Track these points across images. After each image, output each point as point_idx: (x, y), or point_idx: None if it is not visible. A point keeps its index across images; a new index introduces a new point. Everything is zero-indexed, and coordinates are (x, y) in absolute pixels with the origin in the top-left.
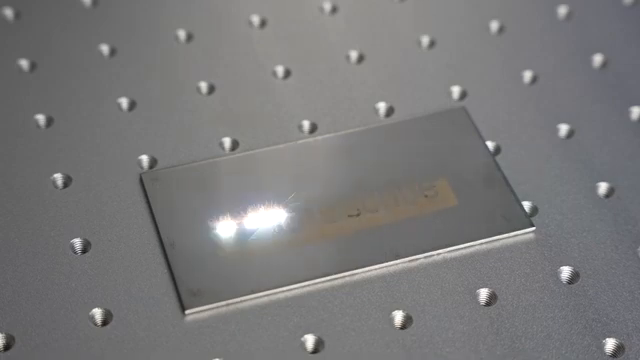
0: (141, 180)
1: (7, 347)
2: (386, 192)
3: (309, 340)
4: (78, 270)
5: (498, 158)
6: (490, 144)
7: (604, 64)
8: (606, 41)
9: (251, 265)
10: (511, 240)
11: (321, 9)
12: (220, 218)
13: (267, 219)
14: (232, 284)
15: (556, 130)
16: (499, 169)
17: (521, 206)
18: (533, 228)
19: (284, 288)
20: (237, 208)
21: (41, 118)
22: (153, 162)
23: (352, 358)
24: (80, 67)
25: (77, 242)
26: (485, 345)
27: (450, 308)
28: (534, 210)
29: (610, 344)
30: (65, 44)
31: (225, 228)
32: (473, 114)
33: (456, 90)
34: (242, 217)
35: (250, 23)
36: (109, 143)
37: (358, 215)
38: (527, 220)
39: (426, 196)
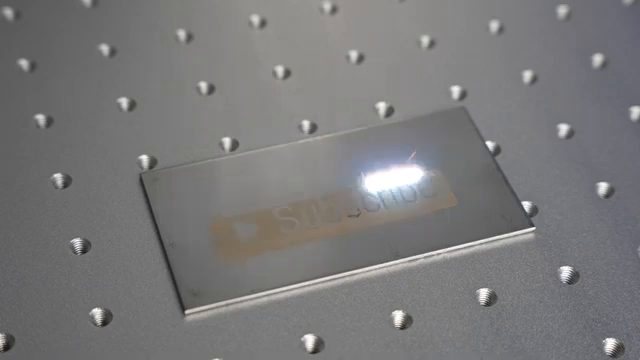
0: (141, 180)
1: (7, 347)
2: (386, 192)
3: (309, 340)
4: (78, 270)
5: (498, 158)
6: (490, 144)
7: (604, 64)
8: (606, 41)
9: (251, 265)
10: (511, 240)
11: (321, 9)
12: (220, 218)
13: (267, 219)
14: (232, 284)
15: (556, 130)
16: (499, 169)
17: (521, 206)
18: (533, 228)
19: (284, 288)
20: (237, 208)
21: (41, 118)
22: (153, 162)
23: (352, 358)
24: (80, 67)
25: (77, 242)
26: (485, 345)
27: (450, 308)
28: (534, 210)
29: (610, 344)
30: (65, 44)
31: (225, 228)
32: (473, 114)
33: (456, 90)
34: (242, 217)
35: (250, 23)
36: (109, 143)
37: (358, 215)
38: (527, 220)
39: (426, 196)
